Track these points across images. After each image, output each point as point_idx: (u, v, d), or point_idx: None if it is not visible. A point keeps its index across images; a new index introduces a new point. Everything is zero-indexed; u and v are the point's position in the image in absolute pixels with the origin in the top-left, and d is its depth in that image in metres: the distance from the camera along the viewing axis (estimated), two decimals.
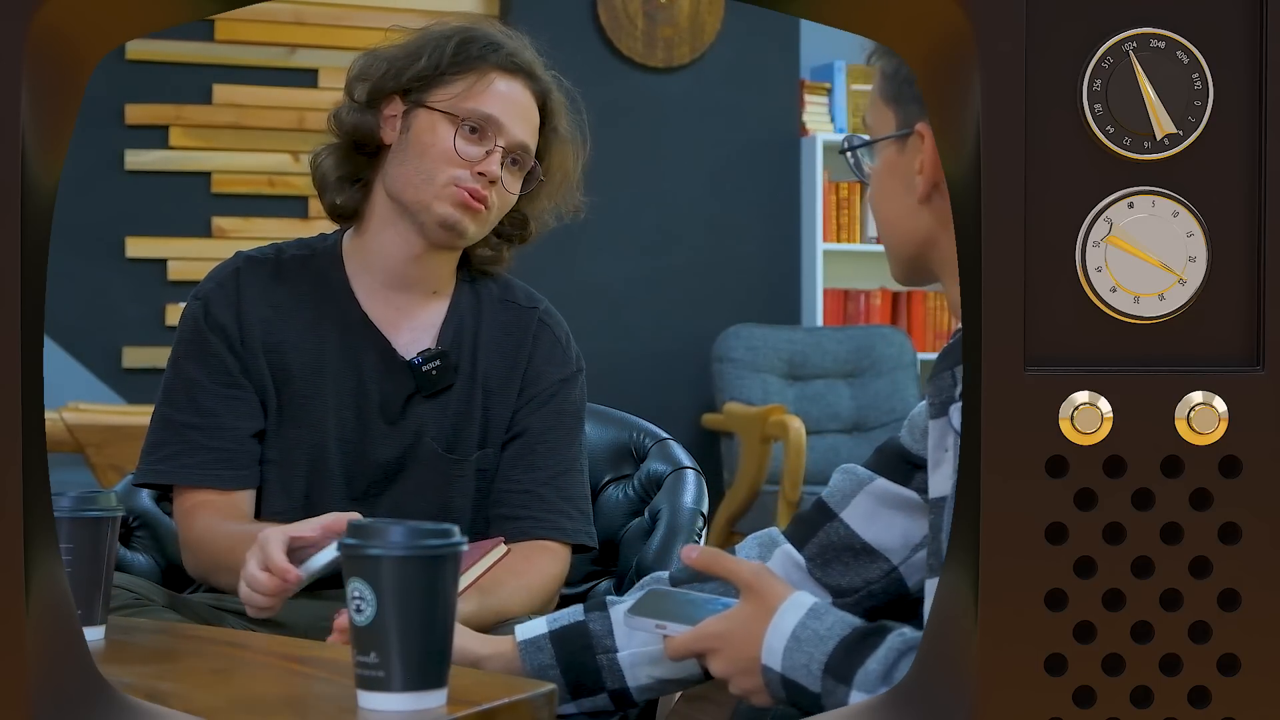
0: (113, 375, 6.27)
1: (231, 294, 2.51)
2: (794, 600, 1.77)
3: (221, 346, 2.48)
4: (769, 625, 1.75)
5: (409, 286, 2.53)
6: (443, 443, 2.49)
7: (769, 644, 1.75)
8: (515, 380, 2.53)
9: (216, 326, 2.49)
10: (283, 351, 2.49)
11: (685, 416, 6.78)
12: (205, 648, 2.07)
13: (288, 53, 6.48)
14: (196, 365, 2.49)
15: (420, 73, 2.51)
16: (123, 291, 6.34)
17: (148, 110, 6.38)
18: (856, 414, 6.91)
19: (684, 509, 2.61)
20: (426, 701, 1.53)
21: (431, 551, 1.52)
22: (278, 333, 2.50)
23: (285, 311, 2.51)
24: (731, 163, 7.02)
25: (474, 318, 2.55)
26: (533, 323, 2.58)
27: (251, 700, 1.74)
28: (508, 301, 2.60)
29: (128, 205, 6.37)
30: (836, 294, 7.19)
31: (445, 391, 2.50)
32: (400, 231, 2.50)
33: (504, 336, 2.55)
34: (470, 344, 2.53)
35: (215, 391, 2.47)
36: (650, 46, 6.86)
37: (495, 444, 2.52)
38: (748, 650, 1.76)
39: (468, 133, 2.48)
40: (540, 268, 6.87)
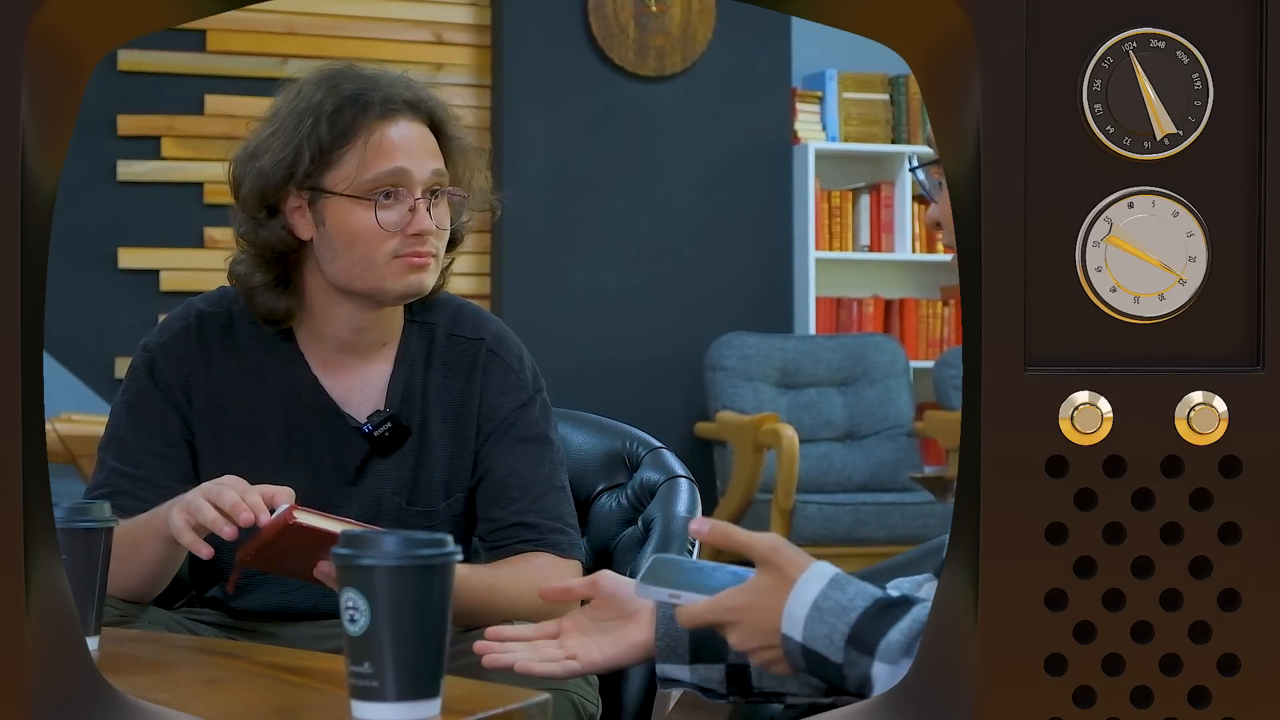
0: (105, 386, 6.27)
1: (181, 352, 2.45)
2: (815, 570, 1.76)
3: (165, 404, 2.43)
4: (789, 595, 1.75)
5: (358, 348, 2.47)
6: (404, 496, 2.44)
7: (789, 613, 1.74)
8: (470, 420, 2.47)
9: (164, 384, 2.43)
10: (233, 414, 2.43)
11: (678, 425, 6.78)
12: (199, 658, 2.07)
13: (279, 63, 6.49)
14: (135, 419, 2.44)
15: (308, 167, 2.39)
16: (115, 302, 6.34)
17: (140, 121, 6.38)
18: (849, 422, 6.92)
19: (677, 518, 2.60)
20: (421, 711, 1.53)
21: (425, 561, 1.52)
22: (228, 395, 2.44)
23: (236, 373, 2.45)
24: (724, 171, 7.03)
25: (423, 364, 2.48)
26: (480, 355, 2.49)
27: (245, 710, 1.74)
28: (454, 336, 2.50)
29: (120, 216, 6.37)
30: (829, 302, 7.20)
31: (401, 446, 2.45)
32: (352, 308, 2.43)
33: (452, 377, 2.48)
34: (420, 394, 2.47)
35: (150, 448, 2.42)
36: (642, 55, 6.87)
37: (462, 489, 2.47)
38: (767, 621, 1.75)
39: (383, 200, 2.38)
40: (532, 277, 6.89)
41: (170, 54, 6.39)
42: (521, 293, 6.69)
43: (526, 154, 6.78)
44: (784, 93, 7.14)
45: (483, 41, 6.80)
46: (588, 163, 6.89)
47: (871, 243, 7.26)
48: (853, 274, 7.34)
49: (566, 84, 6.85)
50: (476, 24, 6.79)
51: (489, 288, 6.73)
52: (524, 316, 6.32)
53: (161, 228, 6.40)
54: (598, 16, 6.81)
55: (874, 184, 7.27)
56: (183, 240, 6.38)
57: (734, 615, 1.78)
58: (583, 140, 6.87)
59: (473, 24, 6.79)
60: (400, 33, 6.70)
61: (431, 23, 6.76)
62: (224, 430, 2.43)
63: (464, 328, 2.52)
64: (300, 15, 6.56)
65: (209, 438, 2.43)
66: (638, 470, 2.71)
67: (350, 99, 2.39)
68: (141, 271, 6.37)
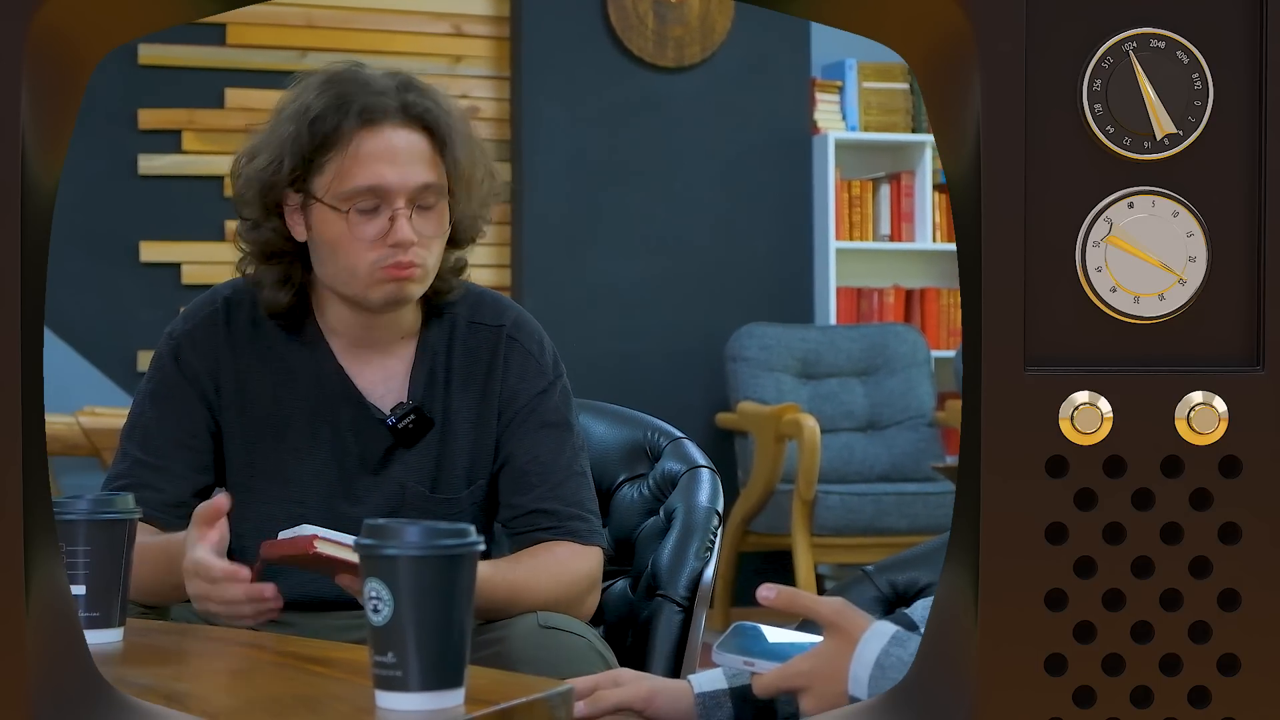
0: (127, 379, 6.29)
1: (207, 339, 2.46)
2: (876, 630, 1.79)
3: (190, 395, 2.44)
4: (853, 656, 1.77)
5: (375, 343, 2.49)
6: (428, 485, 2.46)
7: (854, 674, 1.76)
8: (492, 407, 2.49)
9: (190, 372, 2.45)
10: (259, 402, 2.45)
11: (699, 416, 6.79)
12: (223, 649, 2.08)
13: (299, 56, 6.50)
14: (159, 409, 2.45)
15: (292, 171, 2.39)
16: (137, 296, 6.36)
17: (160, 115, 6.40)
18: (870, 412, 6.92)
19: (699, 508, 2.61)
20: (444, 701, 1.53)
21: (448, 551, 1.52)
22: (254, 383, 2.46)
23: (262, 361, 2.46)
24: (743, 162, 7.02)
25: (445, 353, 2.50)
26: (501, 342, 2.51)
27: (269, 701, 1.75)
28: (475, 324, 2.52)
29: (141, 210, 6.39)
30: (849, 292, 7.19)
31: (424, 438, 2.47)
32: (350, 307, 2.45)
33: (473, 365, 2.50)
34: (443, 384, 2.49)
35: (173, 438, 2.43)
36: (661, 46, 6.86)
37: (484, 476, 2.49)
38: (836, 684, 1.78)
39: (360, 212, 2.38)
40: (553, 268, 6.89)
41: (190, 48, 6.41)
42: (542, 285, 6.70)
43: (545, 146, 6.78)
44: (803, 82, 7.13)
45: (501, 33, 6.80)
46: (607, 154, 6.89)
47: (892, 232, 7.25)
48: (873, 264, 7.33)
49: (585, 75, 6.85)
50: (495, 15, 6.79)
51: (509, 279, 6.73)
52: (544, 308, 6.32)
53: (183, 221, 6.41)
54: (616, 8, 6.81)
55: (894, 173, 7.26)
56: (204, 234, 6.40)
57: (804, 681, 1.81)
58: (602, 132, 6.87)
59: (491, 15, 6.79)
60: (419, 25, 6.70)
61: (450, 15, 6.76)
62: (250, 419, 2.45)
63: (484, 315, 2.53)
64: (319, 8, 6.57)
65: (235, 426, 2.44)
66: (659, 461, 2.72)
67: (333, 105, 2.37)
68: (163, 265, 6.39)
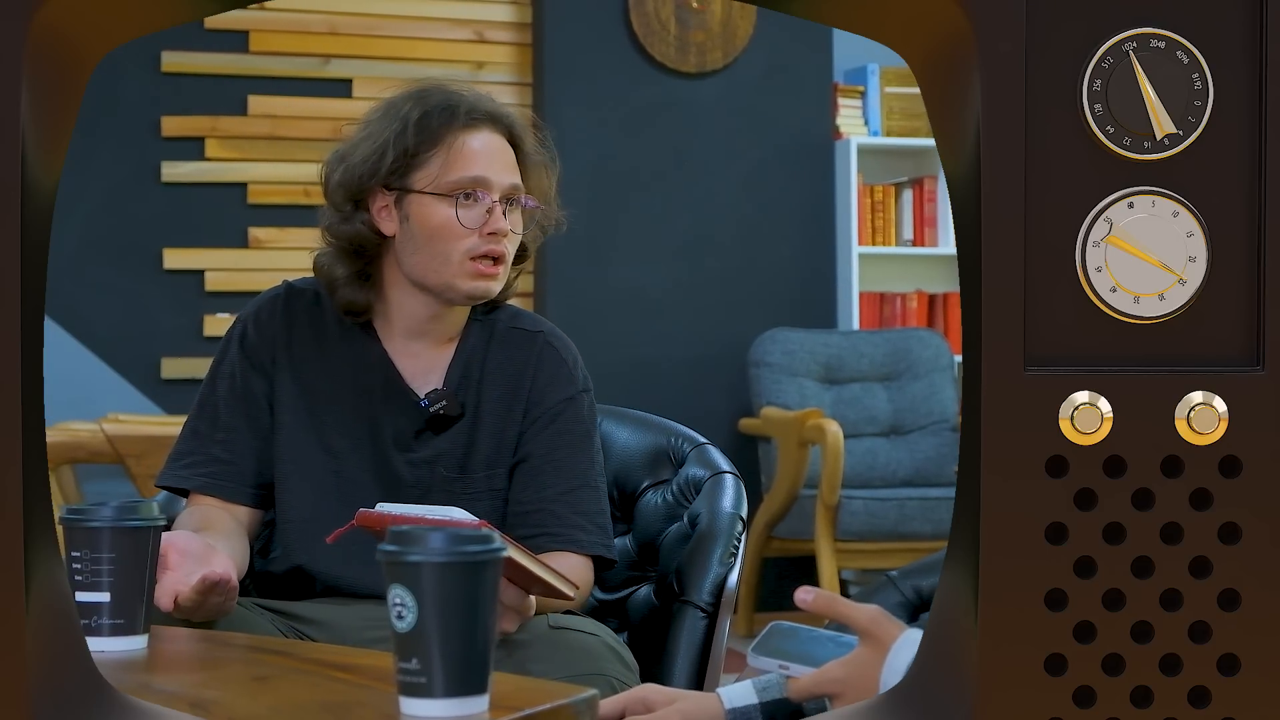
0: (151, 386, 6.31)
1: (269, 318, 2.66)
2: (906, 637, 1.79)
3: (252, 369, 2.63)
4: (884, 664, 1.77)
5: (426, 335, 2.65)
6: (455, 468, 2.60)
7: (885, 682, 1.77)
8: (519, 403, 2.63)
9: (250, 348, 2.64)
10: (310, 378, 2.63)
11: (722, 421, 6.78)
12: (247, 655, 2.08)
13: (322, 63, 6.51)
14: (226, 383, 2.64)
15: (393, 165, 2.59)
16: (160, 303, 6.37)
17: (184, 122, 6.41)
18: (894, 417, 6.90)
19: (723, 513, 2.62)
20: (469, 707, 1.53)
21: (472, 557, 1.52)
22: (307, 360, 2.64)
23: (318, 342, 2.65)
24: (765, 167, 7.02)
25: (483, 349, 2.66)
26: (537, 345, 2.67)
27: (294, 708, 1.75)
28: (515, 329, 2.69)
29: (165, 217, 6.40)
30: (872, 297, 7.18)
31: (454, 423, 2.61)
32: (423, 300, 2.63)
33: (508, 363, 2.65)
34: (477, 376, 2.64)
35: (238, 409, 2.62)
36: (683, 52, 6.86)
37: (503, 465, 2.61)
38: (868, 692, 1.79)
39: (463, 201, 2.57)
40: (576, 274, 6.89)
41: (213, 55, 6.42)
42: (564, 290, 6.70)
43: (568, 152, 6.75)
44: (825, 88, 7.12)
45: (524, 40, 6.81)
46: (629, 160, 6.89)
47: (915, 237, 7.24)
48: (896, 268, 7.32)
49: (607, 81, 6.85)
50: (517, 22, 6.80)
51: (532, 285, 6.74)
52: (567, 314, 6.32)
53: (206, 228, 6.42)
54: (638, 13, 6.81)
55: (917, 178, 7.25)
56: (227, 241, 6.41)
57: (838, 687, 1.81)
58: (624, 138, 6.87)
59: (514, 22, 6.80)
60: (441, 31, 6.71)
61: (473, 21, 6.77)
62: (301, 391, 2.63)
63: (524, 322, 2.71)
64: (342, 15, 6.58)
65: (287, 398, 2.62)
66: (683, 466, 2.74)
67: (437, 108, 2.60)
68: (186, 272, 6.40)
